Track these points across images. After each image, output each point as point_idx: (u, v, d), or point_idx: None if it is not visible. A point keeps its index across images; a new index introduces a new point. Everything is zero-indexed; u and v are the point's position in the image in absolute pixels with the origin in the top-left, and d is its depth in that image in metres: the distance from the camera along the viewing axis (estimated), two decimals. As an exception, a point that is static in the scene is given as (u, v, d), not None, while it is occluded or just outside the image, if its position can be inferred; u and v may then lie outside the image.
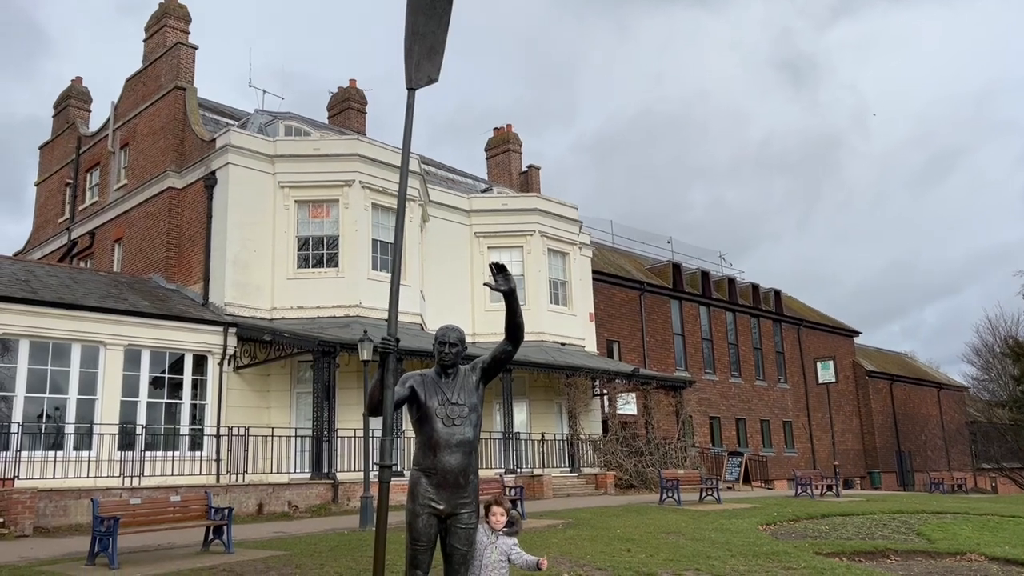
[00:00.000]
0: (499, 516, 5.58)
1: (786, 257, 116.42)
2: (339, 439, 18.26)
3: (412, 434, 5.53)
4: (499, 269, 5.26)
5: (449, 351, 5.45)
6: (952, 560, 11.71)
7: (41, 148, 29.51)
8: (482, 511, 5.57)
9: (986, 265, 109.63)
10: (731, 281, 39.68)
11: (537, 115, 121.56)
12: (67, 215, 26.75)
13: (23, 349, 16.73)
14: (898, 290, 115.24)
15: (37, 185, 29.18)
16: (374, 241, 21.97)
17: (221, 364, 19.41)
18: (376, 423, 4.73)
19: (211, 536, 11.09)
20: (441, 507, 5.25)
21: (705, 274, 38.04)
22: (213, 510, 11.15)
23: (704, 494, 20.21)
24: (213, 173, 21.32)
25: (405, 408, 5.48)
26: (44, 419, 16.83)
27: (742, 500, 21.13)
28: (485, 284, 5.36)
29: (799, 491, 23.48)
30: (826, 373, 28.12)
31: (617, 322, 32.41)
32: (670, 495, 18.90)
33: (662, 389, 28.07)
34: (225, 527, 10.95)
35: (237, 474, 17.02)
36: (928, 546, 12.77)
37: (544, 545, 11.83)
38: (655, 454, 25.57)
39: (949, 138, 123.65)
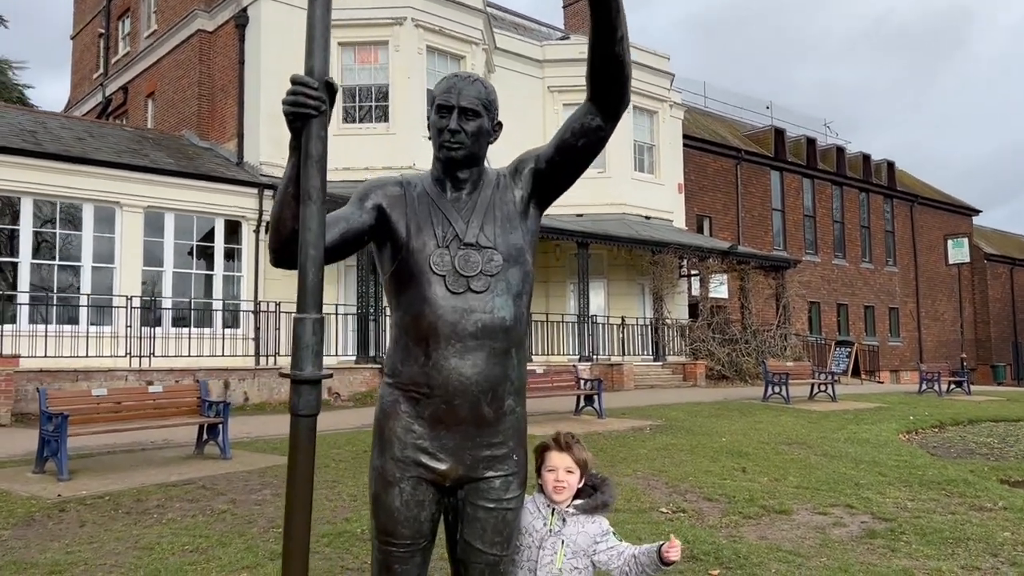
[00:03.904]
0: (563, 474, 2.72)
1: (895, 136, 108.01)
2: (388, 318, 15.78)
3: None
4: None
5: (461, 129, 2.48)
6: None
7: (74, -3, 26.91)
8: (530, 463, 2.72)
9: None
10: (840, 151, 35.10)
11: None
12: (101, 70, 24.31)
13: (26, 208, 14.52)
14: (1010, 172, 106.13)
15: (73, 39, 26.73)
16: (430, 92, 18.77)
17: (257, 231, 16.98)
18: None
19: (205, 436, 8.73)
20: (443, 467, 2.44)
21: (811, 142, 33.58)
22: (207, 404, 8.74)
23: (816, 390, 17.18)
24: (244, 10, 18.31)
25: (375, 255, 2.60)
26: (55, 290, 14.78)
27: (859, 397, 18.03)
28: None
29: (923, 387, 20.21)
30: (959, 252, 24.18)
31: (709, 194, 28.76)
32: (777, 391, 15.94)
33: (761, 270, 24.67)
34: (221, 426, 8.55)
35: (269, 356, 14.78)
36: None
37: (630, 458, 9.11)
38: (751, 342, 22.51)
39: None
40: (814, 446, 10.32)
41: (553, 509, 2.71)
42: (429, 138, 2.54)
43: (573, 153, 2.48)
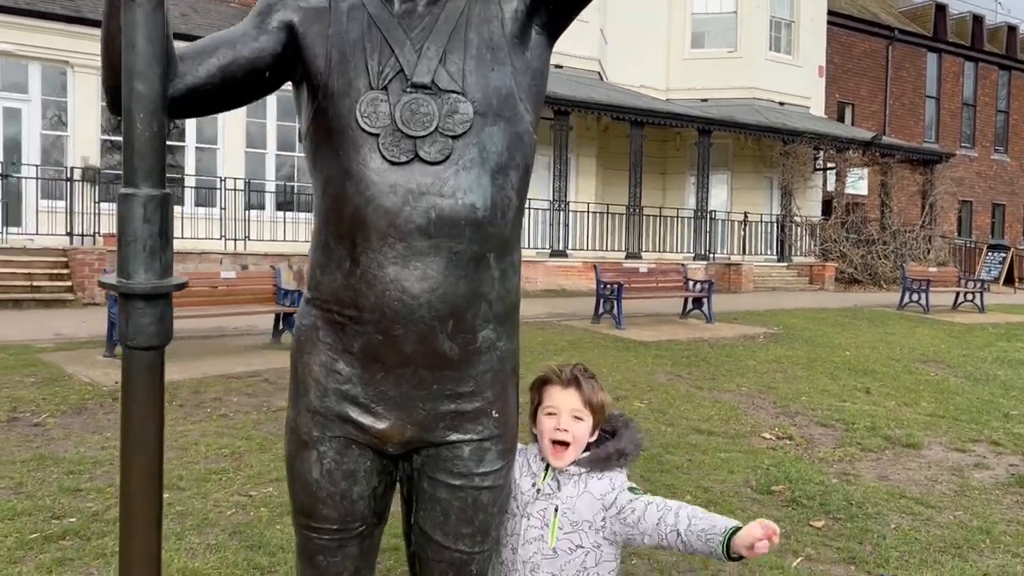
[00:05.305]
0: (567, 419, 1.85)
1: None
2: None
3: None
4: None
5: None
6: None
7: None
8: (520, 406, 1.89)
9: None
10: (1011, 29, 30.92)
11: None
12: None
13: (129, 88, 14.40)
14: None
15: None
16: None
17: (360, 114, 16.38)
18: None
19: (281, 326, 8.38)
20: (382, 425, 1.63)
21: (978, 19, 29.67)
22: (283, 292, 8.33)
23: (961, 298, 15.39)
24: None
25: (294, 102, 1.72)
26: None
27: (1011, 309, 16.10)
28: None
29: (1090, 301, 17.91)
30: None
31: (854, 79, 26.00)
32: (915, 298, 14.33)
33: (907, 164, 22.27)
34: (296, 316, 8.13)
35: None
36: None
37: (735, 371, 8.15)
38: (890, 244, 20.52)
39: None
40: (955, 366, 9.01)
41: (544, 460, 1.88)
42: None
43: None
